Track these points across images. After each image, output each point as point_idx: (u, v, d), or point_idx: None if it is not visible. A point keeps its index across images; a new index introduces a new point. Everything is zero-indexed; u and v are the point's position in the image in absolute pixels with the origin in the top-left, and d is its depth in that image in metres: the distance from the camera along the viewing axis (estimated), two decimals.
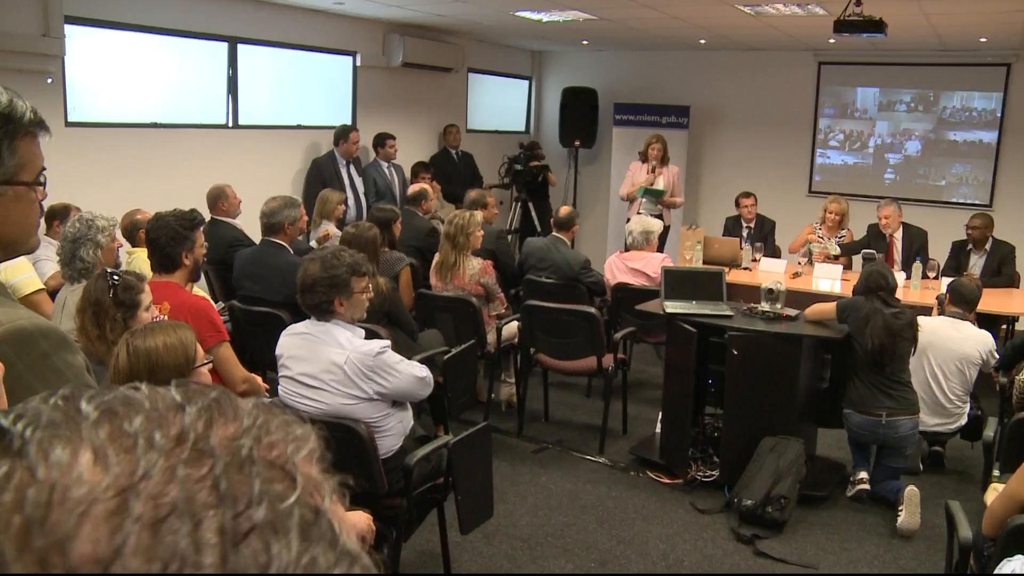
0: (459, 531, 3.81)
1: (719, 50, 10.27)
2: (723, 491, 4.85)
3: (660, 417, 5.45)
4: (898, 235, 7.51)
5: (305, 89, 8.37)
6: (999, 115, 9.40)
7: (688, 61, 10.58)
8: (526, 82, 11.69)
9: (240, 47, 7.51)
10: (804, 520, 4.64)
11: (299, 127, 8.26)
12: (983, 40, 8.67)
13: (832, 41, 8.59)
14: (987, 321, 6.24)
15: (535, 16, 8.09)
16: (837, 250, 7.52)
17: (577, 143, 10.75)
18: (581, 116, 10.77)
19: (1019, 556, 2.02)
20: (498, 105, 11.21)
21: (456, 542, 4.11)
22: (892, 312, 4.69)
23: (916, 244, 7.46)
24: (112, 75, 6.68)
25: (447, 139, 9.73)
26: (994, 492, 3.19)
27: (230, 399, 0.51)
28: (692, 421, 5.18)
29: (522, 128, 11.69)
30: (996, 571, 2.02)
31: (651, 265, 6.32)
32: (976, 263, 7.37)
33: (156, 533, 0.41)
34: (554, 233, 6.54)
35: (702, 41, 9.70)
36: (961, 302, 5.12)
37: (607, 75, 11.04)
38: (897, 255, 7.43)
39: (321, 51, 8.37)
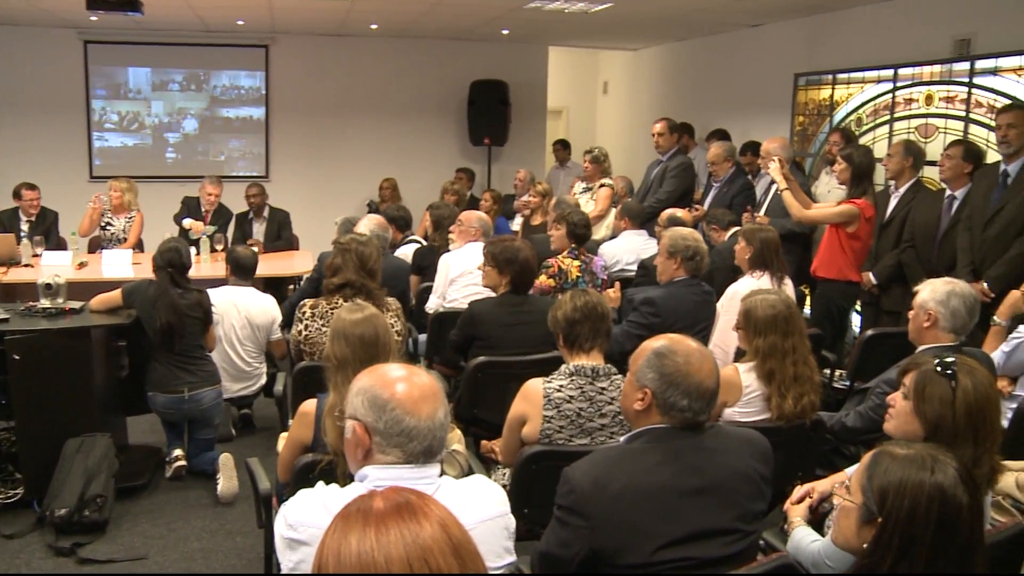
0: None
1: None
2: (33, 508, 4.48)
3: None
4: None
5: None
6: (264, 92, 10.14)
7: None
8: None
9: None
10: (127, 513, 4.54)
11: None
12: (241, 23, 9.21)
13: (95, 19, 8.30)
14: (275, 284, 6.75)
15: None
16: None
17: None
18: None
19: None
20: None
21: None
22: (179, 292, 4.78)
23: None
24: None
25: None
26: (282, 440, 3.46)
27: None
28: None
29: None
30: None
31: None
32: (259, 231, 7.90)
33: None
34: None
35: None
36: (239, 271, 5.40)
37: None
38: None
39: None
